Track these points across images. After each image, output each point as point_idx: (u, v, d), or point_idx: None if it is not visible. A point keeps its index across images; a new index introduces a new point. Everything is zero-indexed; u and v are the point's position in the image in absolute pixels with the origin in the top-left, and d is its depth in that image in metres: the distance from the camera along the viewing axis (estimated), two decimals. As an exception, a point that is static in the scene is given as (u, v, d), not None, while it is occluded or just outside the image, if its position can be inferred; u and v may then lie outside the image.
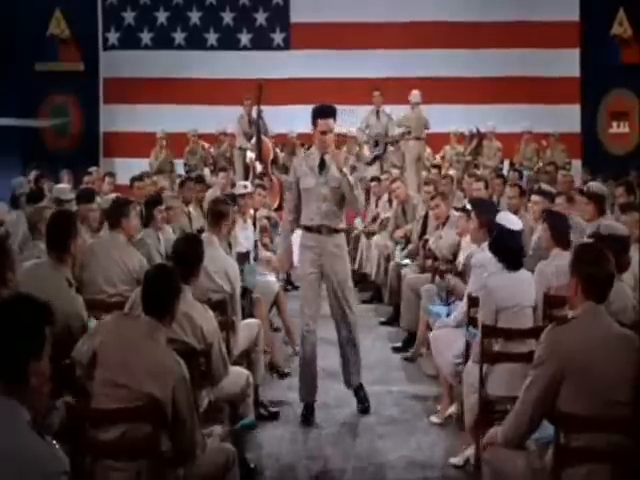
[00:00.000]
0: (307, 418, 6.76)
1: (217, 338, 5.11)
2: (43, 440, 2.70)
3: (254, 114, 15.48)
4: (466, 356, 5.95)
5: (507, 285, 5.53)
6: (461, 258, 7.70)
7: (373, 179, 13.56)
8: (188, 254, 5.31)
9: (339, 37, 18.02)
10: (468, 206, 7.75)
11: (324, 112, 6.80)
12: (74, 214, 6.22)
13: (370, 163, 15.41)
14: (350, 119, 14.39)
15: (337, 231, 6.89)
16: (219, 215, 6.74)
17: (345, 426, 6.59)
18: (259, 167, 14.89)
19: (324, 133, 6.78)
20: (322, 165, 6.82)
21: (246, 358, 6.48)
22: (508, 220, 5.88)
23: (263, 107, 15.30)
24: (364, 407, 6.97)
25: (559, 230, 6.42)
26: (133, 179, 11.59)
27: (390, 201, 12.18)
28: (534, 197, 8.49)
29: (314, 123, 6.83)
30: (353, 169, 13.27)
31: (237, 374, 5.56)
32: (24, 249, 7.13)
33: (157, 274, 4.41)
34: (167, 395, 3.95)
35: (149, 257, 7.11)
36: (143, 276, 4.52)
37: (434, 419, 6.73)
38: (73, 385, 4.39)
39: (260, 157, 15.17)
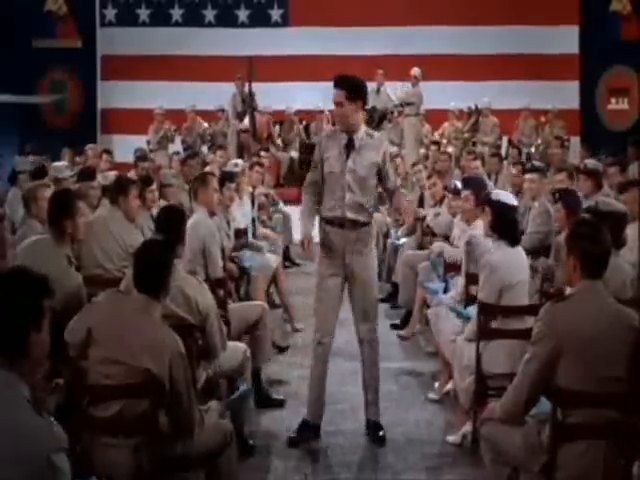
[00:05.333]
0: (296, 441, 5.90)
1: (213, 311, 5.12)
2: (41, 417, 2.71)
3: (247, 91, 15.48)
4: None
5: (509, 261, 5.53)
6: (455, 233, 7.73)
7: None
8: (169, 224, 5.26)
9: (337, 14, 17.96)
10: (459, 185, 7.80)
11: (334, 83, 5.78)
12: (73, 193, 6.24)
13: None
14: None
15: (363, 225, 5.83)
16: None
17: (345, 403, 6.59)
18: (254, 145, 14.90)
19: (335, 105, 5.80)
20: (350, 147, 5.78)
21: (249, 337, 6.49)
22: (505, 196, 5.89)
23: (261, 83, 15.30)
24: (377, 436, 5.97)
25: (573, 209, 6.48)
26: (137, 158, 11.59)
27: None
28: (529, 176, 8.48)
29: None
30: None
31: (235, 349, 5.58)
32: (20, 227, 7.16)
33: (144, 250, 4.36)
34: (164, 371, 3.95)
35: (143, 236, 7.13)
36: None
37: (432, 396, 6.75)
38: (69, 364, 4.39)
39: (255, 135, 15.18)
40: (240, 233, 8.42)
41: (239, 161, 10.49)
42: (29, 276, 2.86)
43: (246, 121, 15.43)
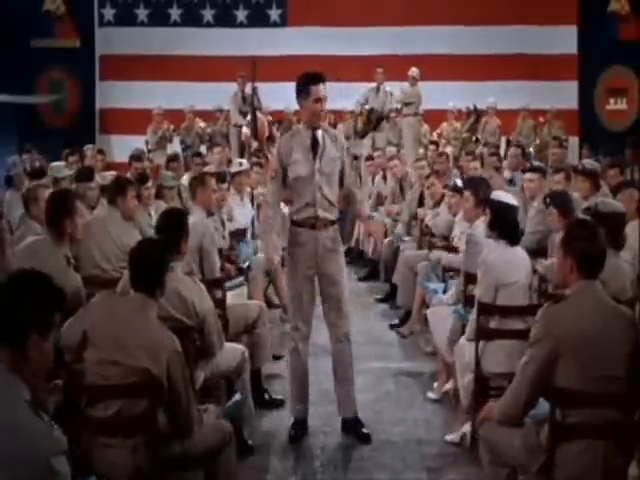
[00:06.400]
0: (295, 437, 6.00)
1: (211, 312, 5.12)
2: (41, 419, 2.70)
3: (248, 90, 15.45)
4: (461, 333, 5.95)
5: (506, 261, 5.53)
6: (456, 233, 7.73)
7: (367, 158, 13.60)
8: (169, 226, 5.27)
9: (336, 14, 17.95)
10: (458, 183, 7.79)
11: (316, 77, 5.77)
12: (71, 193, 6.24)
13: (362, 136, 15.39)
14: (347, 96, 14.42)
15: (333, 223, 5.92)
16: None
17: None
18: (254, 144, 14.86)
19: (318, 101, 5.72)
20: (315, 145, 5.79)
21: (248, 337, 6.48)
22: (504, 196, 5.89)
23: (259, 84, 15.25)
24: (361, 433, 5.99)
25: (566, 208, 6.49)
26: (132, 158, 11.57)
27: (385, 178, 12.18)
28: (528, 175, 8.47)
29: (305, 91, 5.77)
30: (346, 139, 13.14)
31: (233, 350, 5.57)
32: (18, 228, 7.15)
33: (140, 248, 4.40)
34: (162, 370, 3.96)
35: (141, 234, 7.12)
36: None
37: (431, 395, 6.75)
38: (66, 366, 4.38)
39: (255, 134, 15.15)
40: (238, 234, 8.41)
41: (243, 161, 10.48)
42: (49, 285, 2.90)
43: (249, 118, 15.40)
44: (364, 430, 6.01)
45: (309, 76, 5.84)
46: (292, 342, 6.05)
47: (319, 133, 5.83)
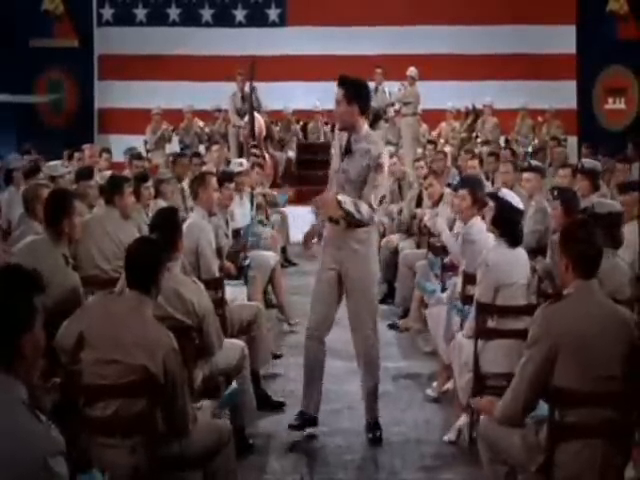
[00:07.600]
0: (296, 426, 5.98)
1: (210, 311, 5.11)
2: (38, 420, 2.68)
3: (247, 89, 15.47)
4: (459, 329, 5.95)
5: (507, 261, 5.53)
6: (458, 227, 7.70)
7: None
8: (164, 225, 5.24)
9: (335, 13, 17.96)
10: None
11: (337, 81, 5.86)
12: (70, 193, 6.23)
13: None
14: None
15: (360, 225, 5.80)
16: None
17: (341, 402, 6.59)
18: (252, 144, 14.88)
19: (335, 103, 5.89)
20: (348, 148, 5.86)
21: (246, 339, 6.46)
22: (512, 197, 5.87)
23: (258, 83, 15.28)
24: (375, 437, 5.97)
25: (571, 206, 6.49)
26: (132, 157, 11.57)
27: (383, 178, 12.16)
28: (526, 175, 8.47)
29: None
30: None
31: (232, 347, 5.55)
32: (18, 227, 7.14)
33: (137, 246, 4.40)
34: (158, 367, 3.95)
35: (140, 232, 7.11)
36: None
37: (430, 392, 6.74)
38: (63, 367, 4.37)
39: (253, 134, 15.16)
40: (238, 233, 8.41)
41: (243, 160, 10.48)
42: (18, 273, 2.80)
43: (246, 119, 15.42)
44: (377, 433, 5.98)
45: None
46: (305, 338, 6.03)
47: (355, 137, 5.84)
